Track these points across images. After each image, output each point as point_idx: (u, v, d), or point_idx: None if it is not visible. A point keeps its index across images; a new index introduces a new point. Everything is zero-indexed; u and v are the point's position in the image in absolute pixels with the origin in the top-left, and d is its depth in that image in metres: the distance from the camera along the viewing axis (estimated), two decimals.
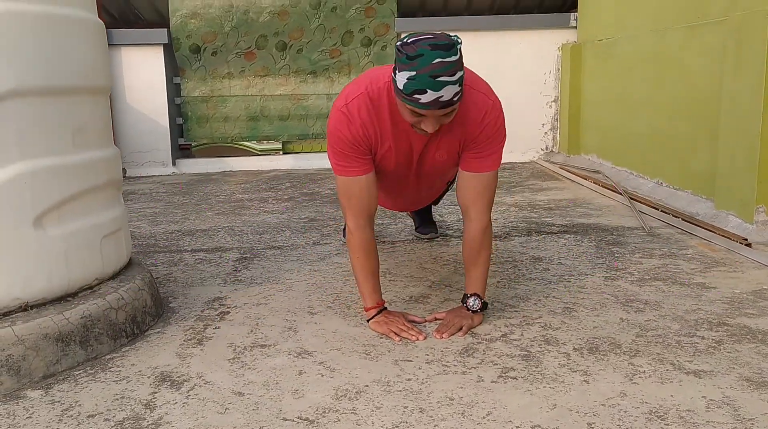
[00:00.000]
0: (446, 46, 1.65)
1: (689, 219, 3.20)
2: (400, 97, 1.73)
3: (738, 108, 2.97)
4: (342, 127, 1.89)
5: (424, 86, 1.65)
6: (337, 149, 1.93)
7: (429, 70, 1.63)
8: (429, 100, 1.67)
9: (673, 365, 1.69)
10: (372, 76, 1.93)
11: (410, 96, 1.68)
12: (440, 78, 1.64)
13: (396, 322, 1.99)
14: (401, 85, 1.69)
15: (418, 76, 1.64)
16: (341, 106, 1.90)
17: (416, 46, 1.65)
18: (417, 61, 1.64)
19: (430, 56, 1.64)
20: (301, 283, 2.53)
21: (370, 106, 1.89)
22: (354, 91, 1.91)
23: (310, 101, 5.92)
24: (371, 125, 1.90)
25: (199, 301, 2.36)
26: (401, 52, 1.68)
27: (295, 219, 3.74)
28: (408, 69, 1.66)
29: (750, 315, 2.01)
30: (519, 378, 1.65)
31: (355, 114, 1.88)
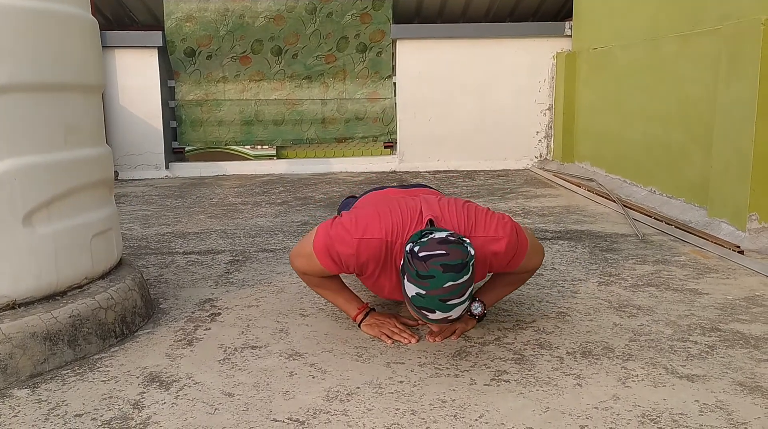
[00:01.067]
0: (459, 266, 1.59)
1: (682, 226, 3.20)
2: (407, 301, 1.70)
3: (731, 117, 2.98)
4: (343, 252, 1.80)
5: (434, 307, 1.63)
6: (330, 254, 1.83)
7: (439, 293, 1.60)
8: (437, 319, 1.65)
9: (666, 369, 1.68)
10: (397, 221, 1.80)
11: (418, 309, 1.66)
12: (450, 301, 1.62)
13: (388, 325, 1.98)
14: (410, 293, 1.65)
15: (427, 297, 1.61)
16: (357, 237, 1.78)
17: (428, 265, 1.59)
18: (428, 282, 1.60)
19: (442, 279, 1.59)
20: (293, 285, 2.52)
21: (382, 256, 1.80)
22: (375, 231, 1.79)
23: (304, 106, 5.92)
24: (374, 267, 1.84)
25: (190, 303, 2.34)
26: (411, 265, 1.63)
27: (288, 223, 3.73)
28: (417, 286, 1.62)
29: (743, 321, 2.01)
30: (512, 381, 1.64)
31: (364, 255, 1.79)
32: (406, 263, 1.65)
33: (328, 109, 5.93)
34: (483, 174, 5.54)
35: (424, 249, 1.62)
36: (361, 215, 1.86)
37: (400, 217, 1.82)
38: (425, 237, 1.66)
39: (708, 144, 3.30)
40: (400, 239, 1.79)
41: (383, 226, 1.80)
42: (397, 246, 1.79)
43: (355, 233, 1.80)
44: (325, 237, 1.85)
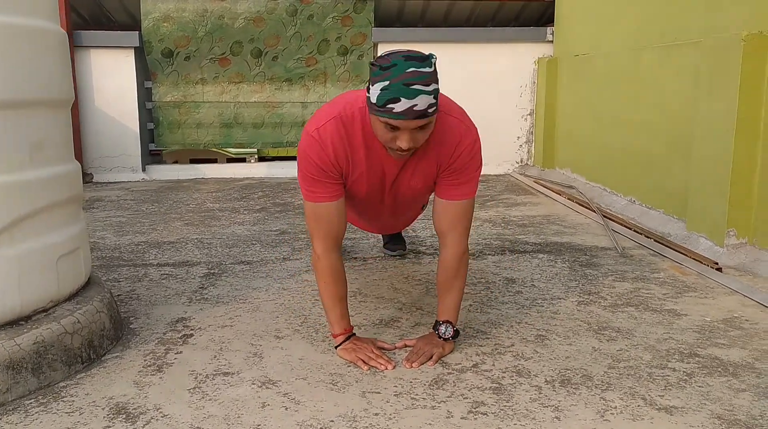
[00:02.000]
0: (420, 57, 1.64)
1: (661, 240, 3.20)
2: (374, 112, 1.69)
3: (711, 131, 2.98)
4: (312, 152, 1.84)
5: (398, 94, 1.61)
6: (307, 174, 1.87)
7: (402, 78, 1.61)
8: (403, 109, 1.63)
9: (645, 400, 1.66)
10: (346, 100, 1.88)
11: (383, 107, 1.64)
12: (414, 86, 1.61)
13: (364, 350, 1.93)
14: (375, 97, 1.65)
15: (391, 85, 1.62)
16: (312, 130, 1.84)
17: (390, 58, 1.64)
18: (390, 71, 1.62)
19: (404, 65, 1.62)
20: (269, 303, 2.47)
21: (343, 131, 1.83)
22: (326, 115, 1.85)
23: (285, 109, 5.85)
24: (343, 150, 1.85)
25: (162, 322, 2.28)
26: (375, 65, 1.67)
27: (266, 231, 3.67)
28: (381, 80, 1.63)
29: (721, 345, 2.00)
30: (489, 414, 1.61)
31: (326, 139, 1.83)
32: (370, 72, 1.68)
33: (309, 112, 5.86)
34: None
35: (387, 52, 1.67)
36: (309, 121, 1.90)
37: (347, 97, 1.86)
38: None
39: (688, 156, 3.30)
40: (353, 109, 1.81)
41: (333, 108, 1.85)
42: (354, 113, 1.81)
43: (310, 128, 1.84)
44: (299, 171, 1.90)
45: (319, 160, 1.84)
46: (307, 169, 1.87)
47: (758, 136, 2.77)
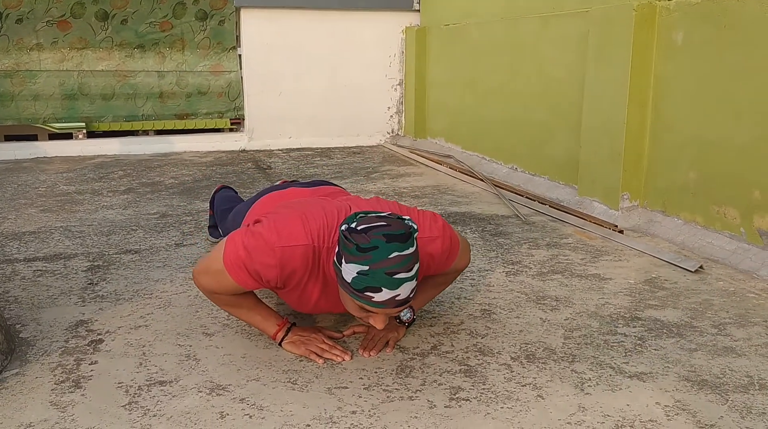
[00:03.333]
0: (403, 236, 1.44)
1: (556, 205, 3.29)
2: (346, 291, 1.49)
3: (602, 100, 3.08)
4: (265, 265, 1.57)
5: (380, 284, 1.44)
6: (247, 269, 1.59)
7: (385, 265, 1.42)
8: (384, 299, 1.46)
9: (613, 369, 1.67)
10: (323, 221, 1.62)
11: (361, 293, 1.46)
12: (397, 275, 1.44)
13: (314, 341, 1.78)
14: (349, 278, 1.46)
15: (371, 272, 1.43)
16: (278, 245, 1.56)
17: (369, 236, 1.43)
18: (370, 255, 1.42)
19: (386, 250, 1.42)
20: (181, 296, 2.21)
21: (309, 264, 1.60)
22: (299, 234, 1.58)
23: (138, 79, 5.35)
24: (298, 280, 1.63)
25: (58, 328, 1.97)
26: (349, 241, 1.45)
27: (144, 215, 3.33)
28: (359, 262, 1.44)
29: (655, 306, 2.07)
30: (471, 399, 1.53)
31: (288, 266, 1.58)
32: (342, 243, 1.47)
33: (167, 82, 5.41)
34: (338, 151, 5.39)
35: (362, 223, 1.46)
36: (279, 221, 1.63)
37: (325, 219, 1.63)
38: (360, 216, 1.50)
39: (573, 123, 3.41)
40: (328, 244, 1.59)
41: (308, 230, 1.60)
42: (325, 251, 1.60)
43: (277, 241, 1.58)
44: (238, 249, 1.60)
45: (266, 274, 1.59)
46: (247, 265, 1.59)
47: (648, 103, 2.91)
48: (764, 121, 2.38)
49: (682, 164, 2.76)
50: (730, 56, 2.51)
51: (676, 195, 2.81)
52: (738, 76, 2.48)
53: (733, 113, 2.51)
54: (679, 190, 2.78)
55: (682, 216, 2.78)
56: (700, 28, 2.64)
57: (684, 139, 2.75)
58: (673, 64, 2.78)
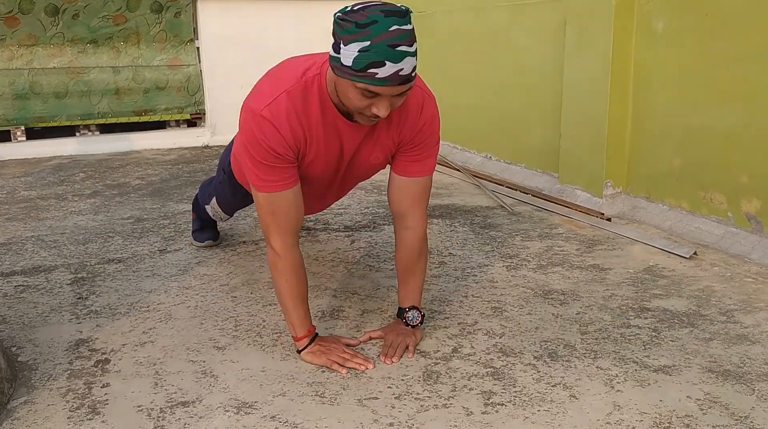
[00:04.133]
0: (401, 12, 1.41)
1: (540, 195, 3.31)
2: (348, 76, 1.44)
3: (582, 88, 3.11)
4: (265, 135, 1.57)
5: (382, 57, 1.39)
6: (261, 161, 1.60)
7: (386, 38, 1.38)
8: (388, 74, 1.41)
9: (637, 363, 1.68)
10: (290, 69, 1.62)
11: (364, 71, 1.41)
12: (399, 47, 1.40)
13: (335, 350, 1.74)
14: (350, 60, 1.41)
15: (373, 46, 1.38)
16: (260, 109, 1.56)
17: (367, 13, 1.39)
18: (371, 29, 1.38)
19: (385, 23, 1.38)
20: (179, 307, 2.14)
21: (299, 105, 1.59)
22: (273, 89, 1.59)
23: (92, 75, 5.15)
24: (300, 128, 1.61)
25: (58, 349, 1.88)
26: (347, 21, 1.40)
27: (117, 220, 3.21)
28: (359, 39, 1.39)
29: (660, 296, 2.10)
30: (506, 403, 1.52)
31: (281, 118, 1.57)
32: (339, 28, 1.42)
33: (122, 78, 5.22)
34: None
35: (357, 4, 1.43)
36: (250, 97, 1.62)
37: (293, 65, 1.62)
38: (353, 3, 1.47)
39: (551, 112, 3.43)
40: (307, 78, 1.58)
41: (279, 80, 1.59)
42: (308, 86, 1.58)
43: (258, 106, 1.57)
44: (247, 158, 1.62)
45: (275, 143, 1.58)
46: (258, 154, 1.60)
47: (629, 92, 2.95)
48: (748, 108, 2.44)
49: (666, 151, 2.81)
50: (712, 44, 2.55)
51: (660, 181, 2.86)
52: (720, 63, 2.53)
53: (717, 100, 2.56)
54: (664, 176, 2.83)
55: (667, 202, 2.83)
56: (681, 17, 2.68)
57: (667, 127, 2.79)
58: (653, 53, 2.81)
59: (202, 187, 2.60)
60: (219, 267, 2.51)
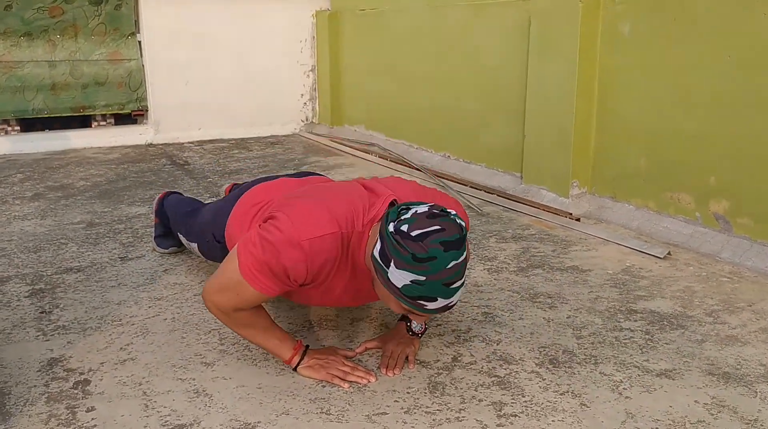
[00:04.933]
0: (458, 242, 1.35)
1: (506, 195, 3.32)
2: (393, 294, 1.40)
3: (547, 89, 3.13)
4: (292, 265, 1.46)
5: (435, 294, 1.36)
6: (268, 269, 1.48)
7: (443, 276, 1.34)
8: (437, 308, 1.39)
9: (638, 368, 1.69)
10: (347, 206, 1.52)
11: (412, 300, 1.38)
12: (454, 285, 1.37)
13: (334, 363, 1.68)
14: (400, 283, 1.36)
15: (428, 283, 1.35)
16: (303, 240, 1.45)
17: (426, 245, 1.33)
18: (428, 265, 1.33)
19: (445, 260, 1.33)
20: (155, 320, 2.03)
21: (338, 253, 1.50)
22: (326, 223, 1.48)
23: (26, 70, 4.86)
24: (326, 274, 1.53)
25: (29, 370, 1.74)
26: (403, 248, 1.34)
27: (68, 225, 3.03)
28: (414, 272, 1.34)
29: (644, 297, 2.13)
30: (519, 414, 1.50)
31: (318, 260, 1.47)
32: (392, 247, 1.36)
33: (59, 72, 4.95)
34: (255, 142, 5.18)
35: (415, 226, 1.35)
36: (299, 211, 1.52)
37: (348, 203, 1.54)
38: (405, 213, 1.40)
39: (513, 112, 3.45)
40: (357, 228, 1.51)
41: (334, 216, 1.50)
42: (355, 237, 1.51)
43: (303, 234, 1.47)
44: (257, 254, 1.49)
45: (294, 273, 1.48)
46: (271, 265, 1.47)
47: (594, 93, 2.99)
48: (715, 111, 2.50)
49: (632, 152, 2.86)
50: (679, 48, 2.61)
51: (625, 181, 2.91)
52: (687, 67, 2.59)
53: (684, 104, 2.62)
54: (629, 176, 2.88)
55: (633, 202, 2.88)
56: (647, 21, 2.72)
57: (633, 129, 2.84)
58: (619, 55, 2.86)
59: (176, 214, 2.40)
60: (188, 275, 2.40)
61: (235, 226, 1.86)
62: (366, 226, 1.51)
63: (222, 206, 2.03)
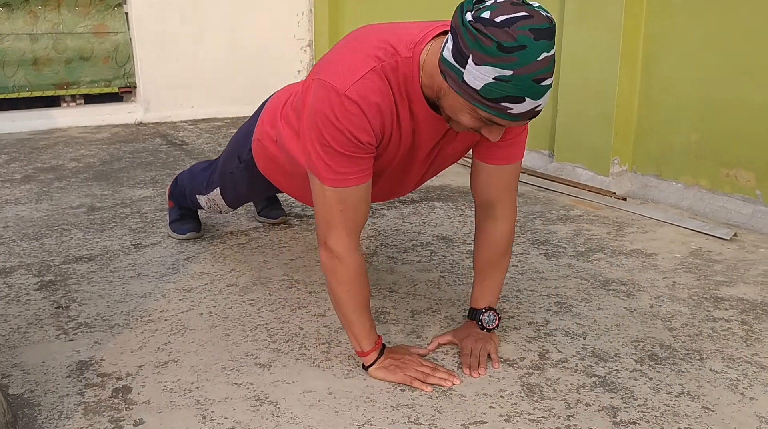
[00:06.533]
0: (549, 31, 1.12)
1: (539, 174, 3.14)
2: (469, 99, 1.17)
3: (585, 60, 2.93)
4: (351, 121, 1.27)
5: (523, 93, 1.13)
6: (337, 149, 1.30)
7: (534, 70, 1.11)
8: (523, 111, 1.15)
9: (750, 363, 1.52)
10: (378, 43, 1.31)
11: (495, 103, 1.15)
12: (544, 82, 1.14)
13: (411, 364, 1.48)
14: (479, 83, 1.14)
15: (515, 78, 1.11)
16: (347, 88, 1.26)
17: (513, 31, 1.10)
18: (516, 56, 1.10)
19: (536, 49, 1.10)
20: (189, 315, 1.80)
21: (387, 87, 1.30)
22: (360, 64, 1.29)
23: (6, 43, 4.53)
24: (389, 114, 1.33)
25: (56, 375, 1.51)
26: (486, 37, 1.11)
27: (67, 210, 2.78)
28: (499, 65, 1.11)
29: (726, 283, 1.96)
30: (639, 422, 1.32)
31: (370, 101, 1.28)
32: (470, 39, 1.12)
33: (41, 46, 4.63)
34: None
35: (498, 12, 1.12)
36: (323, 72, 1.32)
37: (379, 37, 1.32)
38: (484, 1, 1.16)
39: None
40: (403, 53, 1.29)
41: (367, 52, 1.30)
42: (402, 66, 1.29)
43: (339, 84, 1.28)
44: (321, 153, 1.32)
45: (359, 130, 1.29)
46: (336, 142, 1.29)
47: (638, 61, 2.80)
48: None
49: (681, 126, 2.68)
50: (740, 12, 2.42)
51: (673, 158, 2.74)
52: (747, 34, 2.41)
53: (743, 72, 2.44)
54: (678, 152, 2.71)
55: (682, 180, 2.71)
56: None
57: (682, 100, 2.66)
58: (668, 22, 2.67)
59: (192, 175, 2.24)
60: (215, 263, 2.17)
61: (265, 124, 1.73)
62: (414, 49, 1.29)
63: (245, 126, 1.92)
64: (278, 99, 1.73)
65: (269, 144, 1.70)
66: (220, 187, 2.03)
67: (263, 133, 1.73)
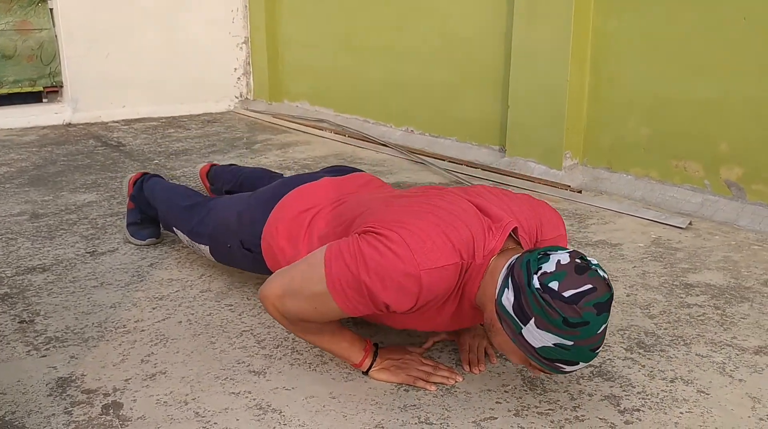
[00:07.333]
0: (609, 303, 1.18)
1: (493, 169, 3.18)
2: (524, 350, 1.21)
3: (536, 58, 2.99)
4: (400, 296, 1.24)
5: (578, 359, 1.20)
6: (369, 295, 1.24)
7: (592, 342, 1.18)
8: (573, 370, 1.22)
9: (732, 346, 1.59)
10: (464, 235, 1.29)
11: (549, 361, 1.20)
12: (598, 350, 1.20)
13: (412, 364, 1.47)
14: (538, 343, 1.18)
15: (574, 348, 1.17)
16: (423, 270, 1.22)
17: (581, 309, 1.14)
18: (579, 331, 1.15)
19: (597, 323, 1.16)
20: (167, 324, 1.73)
21: (453, 284, 1.29)
22: (448, 255, 1.26)
23: None
24: (435, 304, 1.32)
25: (37, 394, 1.42)
26: (553, 310, 1.15)
27: (7, 218, 2.63)
28: (562, 336, 1.16)
29: (691, 270, 2.05)
30: (642, 408, 1.35)
31: (433, 290, 1.26)
32: (536, 306, 1.16)
33: None
34: (189, 121, 4.77)
35: (566, 285, 1.16)
36: (413, 236, 1.26)
37: (467, 227, 1.31)
38: (546, 261, 1.19)
39: (486, 82, 3.32)
40: (477, 259, 1.29)
41: (455, 244, 1.27)
42: (472, 270, 1.30)
43: (421, 262, 1.23)
44: (356, 271, 1.24)
45: (398, 305, 1.25)
46: (371, 290, 1.23)
47: (587, 59, 2.88)
48: (726, 77, 2.45)
49: (631, 121, 2.78)
50: (687, 11, 2.53)
51: (623, 151, 2.84)
52: (693, 32, 2.52)
53: (690, 70, 2.55)
54: (628, 146, 2.81)
55: (632, 172, 2.81)
56: None
57: (632, 97, 2.76)
58: (616, 20, 2.76)
59: (170, 203, 2.06)
60: (182, 269, 2.09)
61: (280, 235, 1.59)
62: (486, 257, 1.29)
63: (251, 207, 1.73)
64: (292, 209, 1.61)
65: (282, 259, 1.58)
66: (210, 247, 1.86)
67: (277, 246, 1.59)
